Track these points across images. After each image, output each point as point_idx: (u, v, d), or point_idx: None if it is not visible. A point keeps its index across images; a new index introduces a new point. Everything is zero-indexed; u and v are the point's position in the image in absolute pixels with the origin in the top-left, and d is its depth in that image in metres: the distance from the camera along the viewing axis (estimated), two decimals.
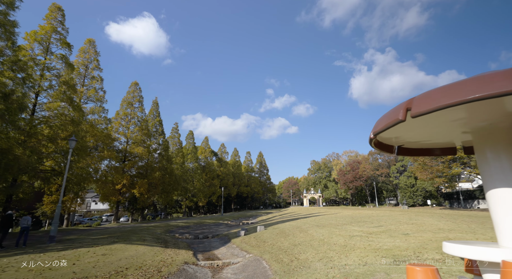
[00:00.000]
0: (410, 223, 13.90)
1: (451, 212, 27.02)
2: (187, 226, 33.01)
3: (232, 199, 78.01)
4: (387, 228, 12.71)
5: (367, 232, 12.17)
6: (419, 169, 36.88)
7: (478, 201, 49.24)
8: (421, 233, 10.58)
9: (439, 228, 11.47)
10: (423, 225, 12.79)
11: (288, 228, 18.41)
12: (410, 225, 13.12)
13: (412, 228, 11.95)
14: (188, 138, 61.88)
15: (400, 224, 14.04)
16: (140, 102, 40.63)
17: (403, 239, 9.57)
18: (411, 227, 12.50)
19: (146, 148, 39.39)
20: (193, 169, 59.97)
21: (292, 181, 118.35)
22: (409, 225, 13.32)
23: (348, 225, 15.90)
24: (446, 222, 13.64)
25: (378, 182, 67.49)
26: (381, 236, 10.83)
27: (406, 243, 8.94)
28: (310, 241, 12.55)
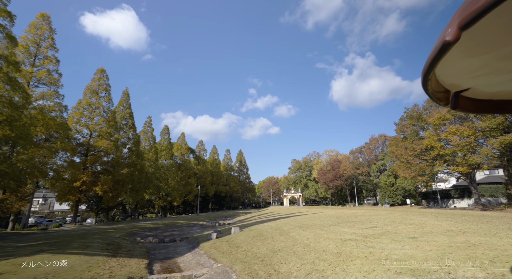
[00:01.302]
0: (407, 224, 11.95)
1: (436, 210, 25.93)
2: (156, 228, 29.79)
3: (209, 199, 74.71)
4: (385, 230, 10.63)
5: (361, 235, 10.00)
6: (402, 167, 35.96)
7: (453, 200, 49.83)
8: (431, 236, 8.54)
9: (448, 230, 9.53)
10: (425, 226, 10.85)
11: (266, 230, 16.03)
12: (409, 226, 11.15)
13: (416, 230, 9.94)
14: (163, 133, 57.98)
15: (397, 224, 12.06)
16: (107, 91, 36.68)
17: (413, 245, 7.44)
18: (412, 228, 10.51)
19: (113, 142, 35.56)
20: (168, 167, 56.21)
21: (272, 181, 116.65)
22: (408, 226, 11.35)
23: (336, 226, 13.75)
24: (447, 222, 11.83)
25: (358, 182, 67.10)
26: (382, 240, 8.67)
27: (420, 250, 6.78)
28: (293, 246, 10.22)
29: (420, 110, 34.77)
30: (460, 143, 25.76)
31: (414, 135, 35.95)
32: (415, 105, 35.45)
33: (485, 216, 15.67)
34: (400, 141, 36.75)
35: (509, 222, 11.57)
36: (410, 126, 35.81)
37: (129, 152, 40.95)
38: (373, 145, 60.92)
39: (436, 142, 29.41)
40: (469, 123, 26.55)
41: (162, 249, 15.98)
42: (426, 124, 34.93)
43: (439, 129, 29.65)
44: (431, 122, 29.35)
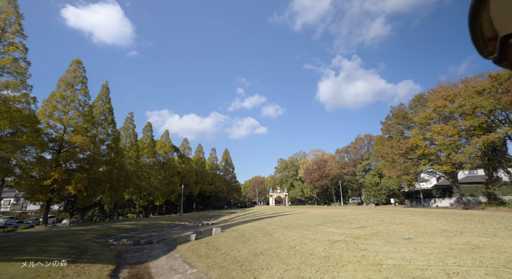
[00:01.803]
0: (398, 223, 11.26)
1: (422, 209, 25.79)
2: (134, 229, 28.15)
3: (194, 199, 72.87)
4: (375, 230, 9.85)
5: (351, 236, 9.16)
6: (387, 166, 35.92)
7: (434, 199, 50.74)
8: (427, 237, 7.79)
9: (443, 230, 8.85)
10: (417, 225, 10.16)
11: (249, 231, 15.01)
12: (401, 226, 10.43)
13: (409, 230, 9.20)
14: (146, 130, 55.78)
15: (387, 224, 11.35)
16: (83, 83, 34.50)
17: (410, 247, 6.63)
18: (405, 228, 9.78)
19: (90, 138, 33.46)
20: (150, 165, 54.11)
21: (258, 180, 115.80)
22: (400, 225, 10.64)
23: (322, 226, 12.91)
24: (439, 221, 11.23)
25: (343, 181, 67.33)
26: (374, 241, 7.84)
27: (419, 254, 5.95)
28: (277, 248, 9.25)
29: (406, 109, 34.86)
30: (444, 142, 25.76)
31: (400, 134, 36.05)
32: (400, 104, 35.57)
33: (473, 214, 15.32)
34: (386, 141, 36.75)
35: (502, 221, 11.10)
36: (396, 125, 35.85)
37: (107, 149, 38.80)
38: (359, 145, 61.22)
39: (421, 141, 29.39)
40: (454, 122, 26.64)
41: (135, 252, 14.63)
42: (411, 123, 35.09)
43: (424, 128, 29.69)
44: (417, 121, 29.33)
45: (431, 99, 30.55)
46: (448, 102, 28.00)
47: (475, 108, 22.61)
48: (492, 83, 22.98)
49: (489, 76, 23.50)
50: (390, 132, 37.90)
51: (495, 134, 22.45)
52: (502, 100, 21.13)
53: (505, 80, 21.84)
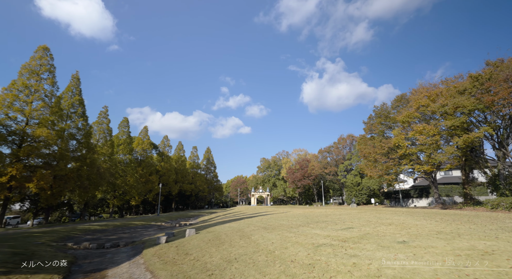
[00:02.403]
0: (386, 224, 10.40)
1: (404, 209, 25.56)
2: (103, 230, 26.00)
3: (173, 198, 70.33)
4: (363, 232, 8.88)
5: (338, 239, 8.11)
6: (369, 166, 35.80)
7: (412, 199, 51.74)
8: (423, 240, 6.87)
9: (437, 231, 8.01)
10: (407, 226, 9.31)
11: (226, 232, 13.72)
12: (390, 227, 9.55)
13: (400, 232, 8.29)
14: (122, 126, 52.86)
15: (374, 224, 10.46)
16: (50, 72, 31.71)
17: (408, 253, 5.63)
18: (395, 229, 8.88)
19: (57, 132, 30.79)
20: (126, 163, 51.33)
21: (240, 180, 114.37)
22: (388, 226, 9.76)
23: (305, 226, 11.86)
24: (428, 221, 10.48)
25: (325, 181, 67.42)
26: (365, 245, 6.81)
27: (422, 262, 4.96)
28: (254, 254, 8.05)
29: (389, 109, 34.89)
30: (426, 141, 25.72)
31: (382, 133, 36.08)
32: (383, 104, 35.58)
33: (457, 214, 14.89)
34: (368, 140, 36.67)
35: (492, 221, 10.54)
36: (378, 125, 35.81)
37: (78, 144, 36.06)
38: (342, 145, 61.43)
39: (403, 141, 29.35)
40: (435, 122, 26.70)
41: (95, 258, 12.91)
42: (393, 123, 35.19)
43: (407, 128, 29.69)
44: (400, 120, 29.23)
45: (414, 98, 30.62)
46: (430, 102, 28.09)
47: (456, 107, 22.59)
48: (473, 83, 23.09)
49: (470, 77, 23.63)
50: (373, 132, 37.88)
51: (475, 133, 22.53)
52: (483, 100, 21.17)
53: (486, 80, 21.95)
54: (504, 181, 28.17)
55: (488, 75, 22.02)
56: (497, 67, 23.25)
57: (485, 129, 22.07)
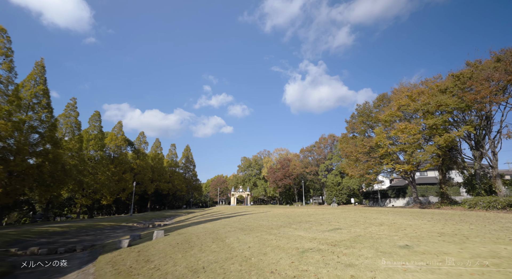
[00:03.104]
0: (377, 224, 9.34)
1: (387, 209, 25.14)
2: (63, 232, 23.40)
3: (148, 197, 67.10)
4: (354, 233, 7.72)
5: (326, 242, 6.86)
6: (351, 165, 35.45)
7: (390, 199, 52.47)
8: (429, 243, 5.77)
9: (439, 232, 7.00)
10: (401, 227, 8.28)
11: (198, 234, 12.17)
12: (382, 228, 8.48)
13: (397, 234, 7.20)
14: (93, 120, 49.32)
15: (364, 225, 9.37)
16: (7, 57, 28.42)
17: (418, 261, 4.47)
18: (389, 231, 7.80)
19: (14, 123, 27.63)
20: (97, 159, 47.92)
21: (221, 179, 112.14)
22: (380, 227, 8.69)
23: (287, 227, 10.58)
24: (421, 221, 9.55)
25: (306, 181, 67.17)
26: (360, 250, 5.59)
27: (442, 274, 3.73)
28: (226, 261, 6.63)
29: (371, 108, 34.75)
30: (408, 140, 25.53)
31: (364, 133, 35.93)
32: (366, 102, 35.42)
33: (445, 214, 14.28)
34: (350, 139, 36.38)
35: (487, 221, 9.80)
36: (360, 124, 35.58)
37: (40, 138, 32.79)
38: (323, 144, 61.37)
39: (385, 140, 29.12)
40: (417, 120, 26.62)
41: (40, 266, 10.89)
42: (374, 123, 35.13)
43: (389, 127, 29.53)
44: (382, 119, 28.98)
45: (395, 98, 30.54)
46: (411, 101, 28.02)
47: (439, 105, 22.41)
48: (455, 82, 23.06)
49: (452, 75, 23.61)
50: (355, 131, 37.64)
51: (456, 132, 22.47)
52: (465, 98, 21.08)
53: (468, 79, 21.92)
54: (480, 181, 28.65)
55: (469, 74, 22.01)
56: (477, 67, 23.39)
57: (466, 128, 22.04)
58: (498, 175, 24.54)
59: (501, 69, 19.31)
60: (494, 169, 24.53)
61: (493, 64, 21.89)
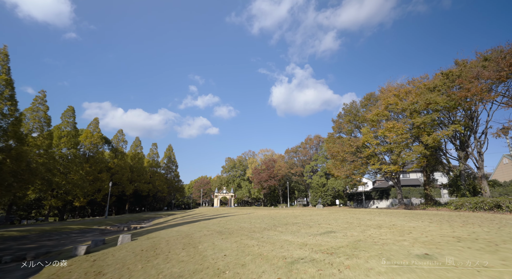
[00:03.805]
0: (375, 226, 8.11)
1: (375, 210, 24.33)
2: (21, 237, 20.86)
3: (127, 199, 63.85)
4: (351, 238, 6.41)
5: (320, 249, 5.49)
6: (337, 165, 34.68)
7: (373, 201, 52.43)
8: (454, 251, 4.54)
9: (455, 237, 5.83)
10: (405, 230, 7.07)
11: (169, 239, 10.53)
12: (382, 230, 7.23)
13: (404, 238, 5.95)
14: (66, 116, 46.03)
15: (360, 227, 8.11)
16: None
17: None
18: (392, 234, 6.55)
19: None
20: (70, 158, 44.68)
21: (204, 181, 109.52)
22: (379, 230, 7.45)
23: (272, 230, 9.16)
24: (422, 223, 8.43)
25: (291, 182, 66.27)
26: (367, 261, 4.27)
27: None
28: (193, 275, 5.11)
29: (358, 107, 34.20)
30: (396, 139, 24.95)
31: (350, 133, 35.33)
32: (353, 102, 34.83)
33: (440, 215, 13.39)
34: (337, 139, 35.67)
35: (492, 222, 8.80)
36: (347, 123, 34.93)
37: (2, 133, 29.76)
38: (309, 145, 60.72)
39: (372, 139, 28.50)
40: (405, 119, 26.13)
41: None
42: (361, 123, 34.62)
43: (376, 126, 28.95)
44: (369, 118, 28.34)
45: (382, 97, 30.04)
46: (399, 100, 27.56)
47: (428, 104, 21.88)
48: (443, 80, 22.67)
49: (441, 73, 23.22)
50: (342, 131, 36.97)
51: (445, 131, 22.02)
52: (454, 96, 20.64)
53: (457, 77, 21.54)
54: (465, 182, 28.54)
55: (458, 72, 21.64)
56: (465, 66, 23.16)
57: (455, 127, 21.61)
58: (484, 176, 24.36)
59: (491, 68, 18.95)
60: (480, 170, 24.34)
61: (481, 63, 21.65)
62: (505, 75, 17.93)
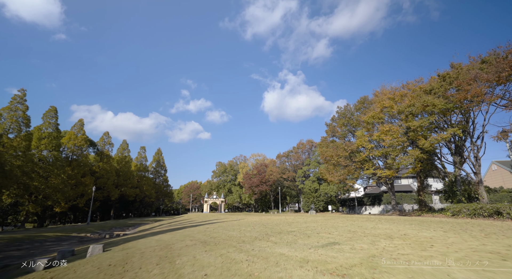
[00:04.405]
0: (383, 236, 6.95)
1: (372, 216, 23.31)
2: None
3: (112, 204, 61.21)
4: (362, 252, 5.22)
5: (326, 268, 4.27)
6: (330, 170, 33.72)
7: (365, 207, 51.72)
8: (502, 271, 3.35)
9: (492, 251, 4.69)
10: (421, 241, 5.94)
11: (145, 250, 9.10)
12: (396, 242, 6.07)
13: (430, 253, 4.83)
14: (48, 116, 43.75)
15: (365, 237, 6.94)
16: None
17: None
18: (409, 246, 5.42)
19: None
20: (51, 161, 42.34)
21: (194, 186, 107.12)
22: (390, 240, 6.28)
23: (264, 241, 7.89)
24: (435, 232, 7.34)
25: (283, 187, 65.06)
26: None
27: None
28: None
29: (352, 110, 33.50)
30: (392, 143, 24.18)
31: (344, 137, 34.56)
32: (347, 105, 34.13)
33: (445, 222, 12.38)
34: (330, 143, 34.80)
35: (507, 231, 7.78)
36: (341, 127, 34.15)
37: None
38: (301, 150, 59.83)
39: (367, 143, 27.70)
40: (402, 122, 25.44)
41: None
42: (354, 127, 33.94)
43: (371, 129, 28.21)
44: (365, 120, 27.59)
45: (377, 100, 29.43)
46: (394, 103, 26.96)
47: (425, 106, 21.21)
48: (440, 83, 22.12)
49: (438, 76, 22.69)
50: (335, 134, 36.16)
51: (443, 134, 21.33)
52: (453, 98, 20.03)
53: (455, 79, 20.99)
54: (461, 187, 27.93)
55: (456, 74, 21.11)
56: (461, 69, 22.73)
57: (453, 130, 20.95)
58: (481, 182, 23.75)
59: (490, 69, 18.42)
60: (477, 175, 23.74)
61: (479, 65, 21.23)
62: (505, 77, 17.39)
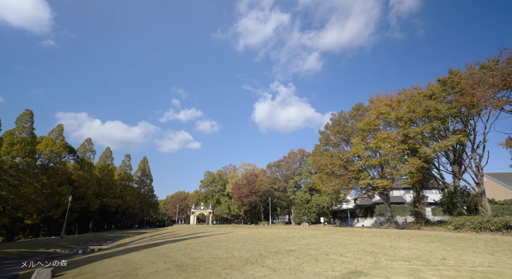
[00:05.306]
0: (420, 260, 5.13)
1: (372, 230, 21.59)
2: None
3: (91, 215, 57.28)
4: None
5: None
6: (325, 179, 32.02)
7: (357, 219, 50.09)
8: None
9: None
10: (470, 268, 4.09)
11: (104, 276, 6.92)
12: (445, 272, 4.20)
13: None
14: (22, 120, 40.59)
15: (398, 263, 5.08)
16: None
17: None
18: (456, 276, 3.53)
19: None
20: (23, 168, 38.98)
21: (181, 196, 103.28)
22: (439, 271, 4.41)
23: (257, 265, 5.89)
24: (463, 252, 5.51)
25: (273, 198, 62.82)
26: None
27: None
28: None
29: (347, 117, 32.29)
30: (391, 150, 22.80)
31: (338, 145, 33.15)
32: (341, 112, 32.94)
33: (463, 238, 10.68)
34: (324, 151, 33.31)
35: None
36: (335, 135, 32.76)
37: None
38: (292, 159, 58.18)
39: (363, 151, 26.29)
40: (400, 129, 24.17)
41: None
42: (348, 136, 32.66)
43: (367, 137, 26.89)
44: (360, 127, 26.26)
45: (373, 106, 28.30)
46: (391, 109, 25.84)
47: (428, 111, 20.01)
48: (442, 87, 21.12)
49: (438, 80, 21.74)
50: (329, 143, 34.71)
51: (447, 141, 20.08)
52: (456, 103, 18.92)
53: (457, 83, 20.00)
54: (461, 198, 26.69)
55: (458, 78, 20.15)
56: (460, 75, 21.89)
57: (458, 137, 19.74)
58: (484, 193, 22.52)
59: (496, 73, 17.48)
60: (480, 186, 22.51)
61: (479, 71, 20.40)
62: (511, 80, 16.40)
